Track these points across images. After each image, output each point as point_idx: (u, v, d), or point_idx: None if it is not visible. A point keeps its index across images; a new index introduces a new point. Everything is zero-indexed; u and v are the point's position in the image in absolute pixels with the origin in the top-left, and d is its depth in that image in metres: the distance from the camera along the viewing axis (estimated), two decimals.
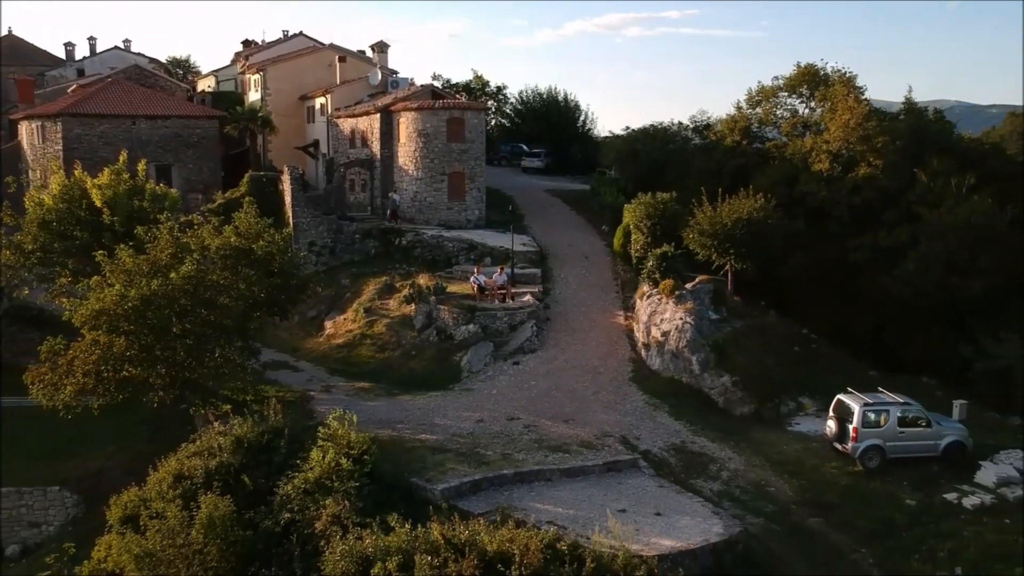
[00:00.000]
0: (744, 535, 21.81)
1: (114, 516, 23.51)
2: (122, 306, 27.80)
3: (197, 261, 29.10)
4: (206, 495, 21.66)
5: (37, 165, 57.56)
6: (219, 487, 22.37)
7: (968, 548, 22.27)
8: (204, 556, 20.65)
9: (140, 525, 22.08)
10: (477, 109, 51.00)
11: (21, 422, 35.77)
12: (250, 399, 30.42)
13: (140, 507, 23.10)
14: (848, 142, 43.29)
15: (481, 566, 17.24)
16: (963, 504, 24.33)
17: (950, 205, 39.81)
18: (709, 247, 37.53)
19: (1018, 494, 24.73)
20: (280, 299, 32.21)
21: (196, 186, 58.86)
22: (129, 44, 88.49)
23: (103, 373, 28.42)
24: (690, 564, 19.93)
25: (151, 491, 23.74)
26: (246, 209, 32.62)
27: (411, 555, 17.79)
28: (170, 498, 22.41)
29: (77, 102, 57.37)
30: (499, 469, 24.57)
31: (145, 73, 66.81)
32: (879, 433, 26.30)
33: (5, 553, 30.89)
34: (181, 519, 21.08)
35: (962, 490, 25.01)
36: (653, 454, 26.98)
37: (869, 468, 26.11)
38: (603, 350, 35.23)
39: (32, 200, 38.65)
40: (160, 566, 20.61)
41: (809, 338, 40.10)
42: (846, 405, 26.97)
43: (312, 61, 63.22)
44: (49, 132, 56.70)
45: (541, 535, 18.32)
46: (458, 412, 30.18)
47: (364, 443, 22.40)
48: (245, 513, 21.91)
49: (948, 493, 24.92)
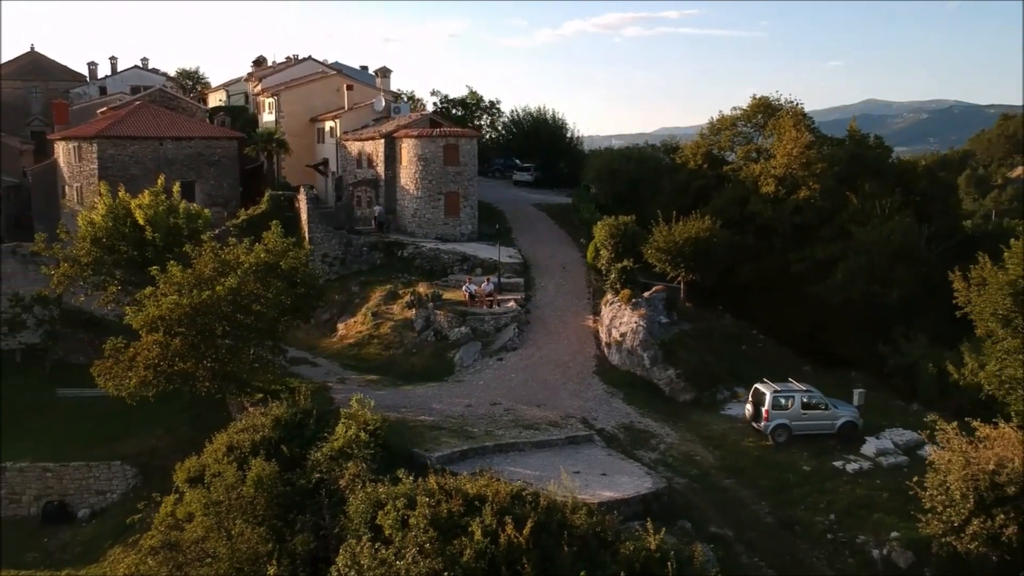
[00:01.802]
0: (668, 489, 28.43)
1: (181, 477, 29.97)
2: (176, 312, 34.17)
3: (238, 276, 35.43)
4: (254, 460, 28.14)
5: (74, 182, 64.05)
6: (263, 454, 28.85)
7: (841, 500, 28.95)
8: (254, 505, 27.10)
9: (204, 483, 28.56)
10: (470, 136, 57.51)
11: (79, 409, 42.52)
12: (279, 388, 36.84)
13: (202, 470, 29.60)
14: (791, 168, 49.81)
15: (464, 504, 23.71)
16: (846, 469, 31.01)
17: (875, 223, 46.34)
18: (664, 261, 44.22)
19: (891, 461, 31.38)
20: (303, 306, 38.63)
21: (217, 200, 65.43)
22: (147, 62, 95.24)
23: (160, 367, 34.73)
24: (624, 509, 26.43)
25: (208, 459, 30.22)
26: (273, 230, 38.94)
27: (413, 498, 24.27)
28: (226, 463, 28.90)
29: (111, 125, 63.80)
30: (482, 442, 31.18)
31: (168, 96, 73.20)
32: (786, 414, 32.93)
33: (78, 516, 37.49)
34: (237, 477, 27.56)
35: (847, 458, 31.66)
36: (606, 431, 33.67)
37: (778, 442, 32.74)
38: (573, 348, 41.90)
39: (84, 219, 44.82)
40: (222, 512, 27.08)
41: (757, 337, 46.76)
42: (760, 392, 33.60)
43: (322, 86, 69.82)
44: (85, 152, 63.19)
45: (510, 485, 24.80)
46: (451, 399, 36.76)
47: (377, 421, 28.87)
48: (284, 474, 28.37)
49: (837, 461, 31.57)
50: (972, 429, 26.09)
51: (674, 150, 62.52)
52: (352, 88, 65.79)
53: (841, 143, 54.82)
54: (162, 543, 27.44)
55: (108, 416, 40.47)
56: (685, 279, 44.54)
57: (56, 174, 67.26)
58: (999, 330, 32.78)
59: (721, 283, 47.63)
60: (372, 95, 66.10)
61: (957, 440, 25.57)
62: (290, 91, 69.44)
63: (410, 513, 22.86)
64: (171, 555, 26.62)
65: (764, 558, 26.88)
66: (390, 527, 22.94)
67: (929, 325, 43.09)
